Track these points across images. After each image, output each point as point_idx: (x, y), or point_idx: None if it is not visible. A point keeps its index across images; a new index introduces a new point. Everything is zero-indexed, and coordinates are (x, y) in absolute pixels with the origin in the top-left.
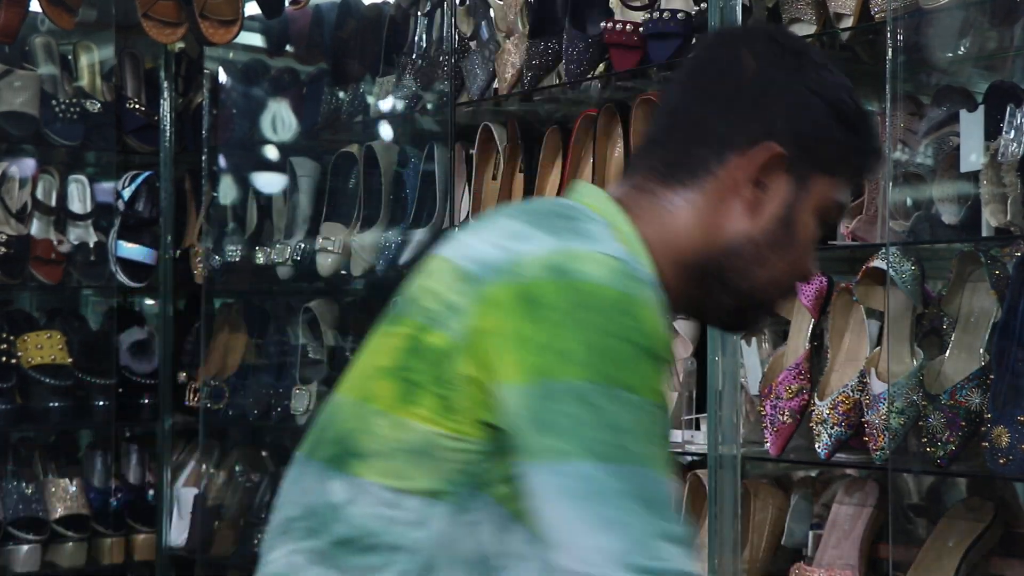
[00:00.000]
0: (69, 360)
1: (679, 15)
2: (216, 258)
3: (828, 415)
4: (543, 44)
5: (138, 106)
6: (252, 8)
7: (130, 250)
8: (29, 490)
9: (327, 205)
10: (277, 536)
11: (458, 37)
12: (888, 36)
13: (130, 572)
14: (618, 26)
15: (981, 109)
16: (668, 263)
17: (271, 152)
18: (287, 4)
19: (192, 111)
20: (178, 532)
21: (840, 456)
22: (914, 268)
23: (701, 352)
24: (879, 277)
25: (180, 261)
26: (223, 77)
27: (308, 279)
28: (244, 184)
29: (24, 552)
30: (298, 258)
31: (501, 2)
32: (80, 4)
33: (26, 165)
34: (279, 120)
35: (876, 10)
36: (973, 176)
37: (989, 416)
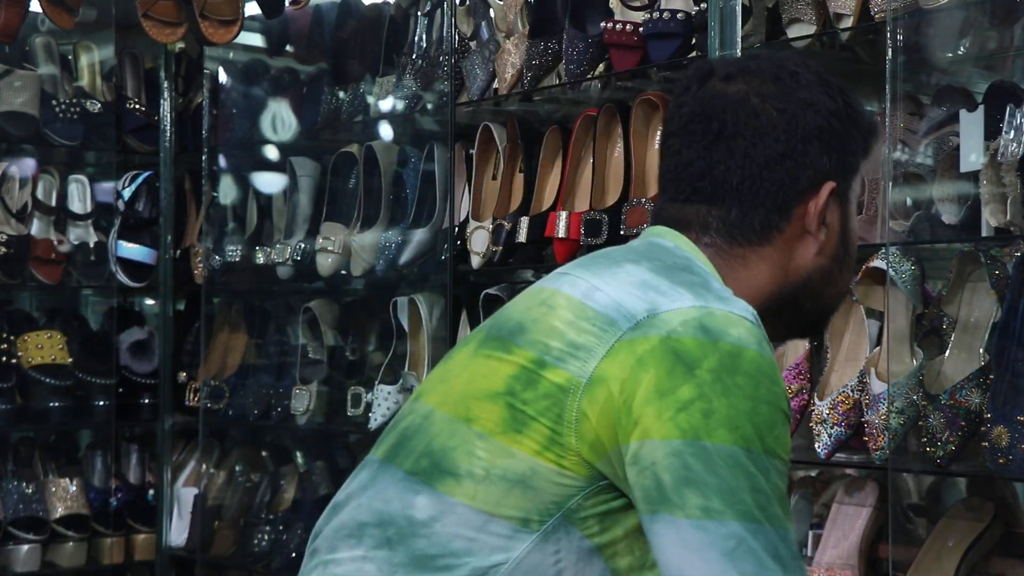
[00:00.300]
0: (69, 360)
1: (679, 15)
2: (216, 258)
3: (828, 415)
4: (543, 44)
5: (138, 106)
6: (252, 8)
7: (130, 250)
8: (29, 490)
9: (327, 205)
10: (343, 537)
11: (458, 37)
12: (888, 36)
13: (130, 572)
14: (618, 26)
15: (981, 109)
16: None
17: (271, 152)
18: (287, 4)
19: (192, 111)
20: (178, 532)
21: (840, 456)
22: (914, 268)
23: None
24: (879, 277)
25: (180, 261)
26: (223, 77)
27: (308, 279)
28: (244, 184)
29: (24, 552)
30: (298, 258)
31: (501, 2)
32: (80, 4)
33: (26, 165)
34: (279, 120)
35: (876, 10)
36: (973, 176)
37: (989, 416)
